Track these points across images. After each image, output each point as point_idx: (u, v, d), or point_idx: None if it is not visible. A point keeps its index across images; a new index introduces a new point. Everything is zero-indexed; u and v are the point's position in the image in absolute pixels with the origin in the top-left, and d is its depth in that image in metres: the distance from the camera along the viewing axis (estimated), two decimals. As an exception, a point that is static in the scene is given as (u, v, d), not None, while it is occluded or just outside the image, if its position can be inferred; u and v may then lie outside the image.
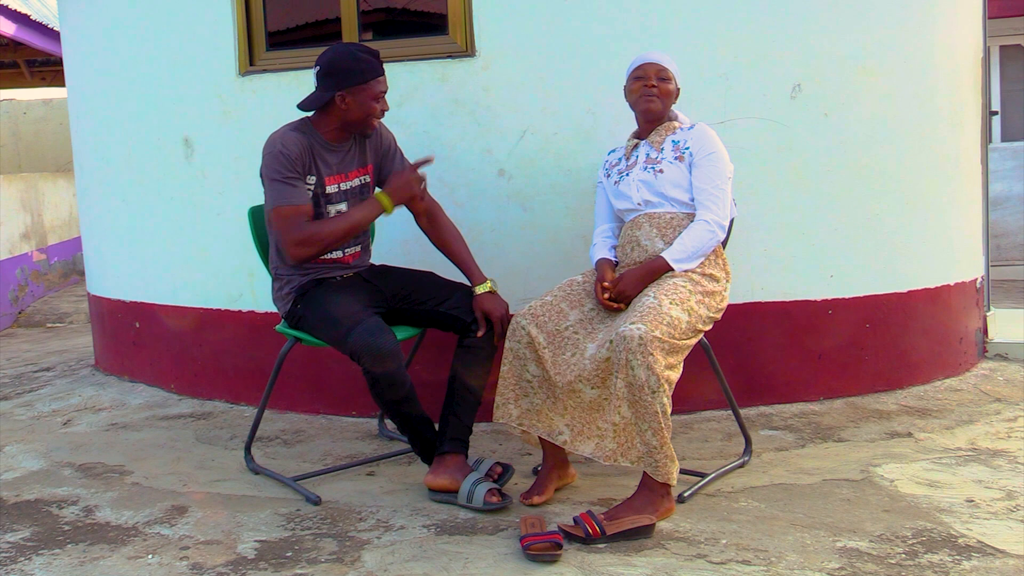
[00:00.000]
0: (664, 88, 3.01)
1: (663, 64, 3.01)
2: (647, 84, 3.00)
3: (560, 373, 2.81)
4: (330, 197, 3.05)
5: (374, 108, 2.99)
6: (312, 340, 3.04)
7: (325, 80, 2.98)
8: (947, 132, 4.01)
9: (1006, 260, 7.41)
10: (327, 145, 3.04)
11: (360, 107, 2.97)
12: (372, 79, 2.97)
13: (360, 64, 2.95)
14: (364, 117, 3.00)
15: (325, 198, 3.04)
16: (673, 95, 3.05)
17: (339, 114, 3.00)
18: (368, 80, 2.96)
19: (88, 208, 4.89)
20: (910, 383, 3.92)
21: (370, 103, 2.98)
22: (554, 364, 2.82)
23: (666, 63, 3.02)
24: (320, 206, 3.04)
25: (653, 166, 2.99)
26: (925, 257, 3.96)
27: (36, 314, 7.57)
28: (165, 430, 3.84)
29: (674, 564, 2.41)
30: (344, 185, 3.08)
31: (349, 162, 3.10)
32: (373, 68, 2.97)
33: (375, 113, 3.01)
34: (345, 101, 2.97)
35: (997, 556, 2.38)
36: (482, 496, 2.80)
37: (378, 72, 2.98)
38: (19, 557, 2.63)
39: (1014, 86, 9.95)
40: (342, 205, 3.07)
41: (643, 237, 2.97)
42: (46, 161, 11.32)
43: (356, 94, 2.96)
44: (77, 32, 4.74)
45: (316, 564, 2.51)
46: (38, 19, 9.02)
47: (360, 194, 3.12)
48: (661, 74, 3.01)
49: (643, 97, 3.01)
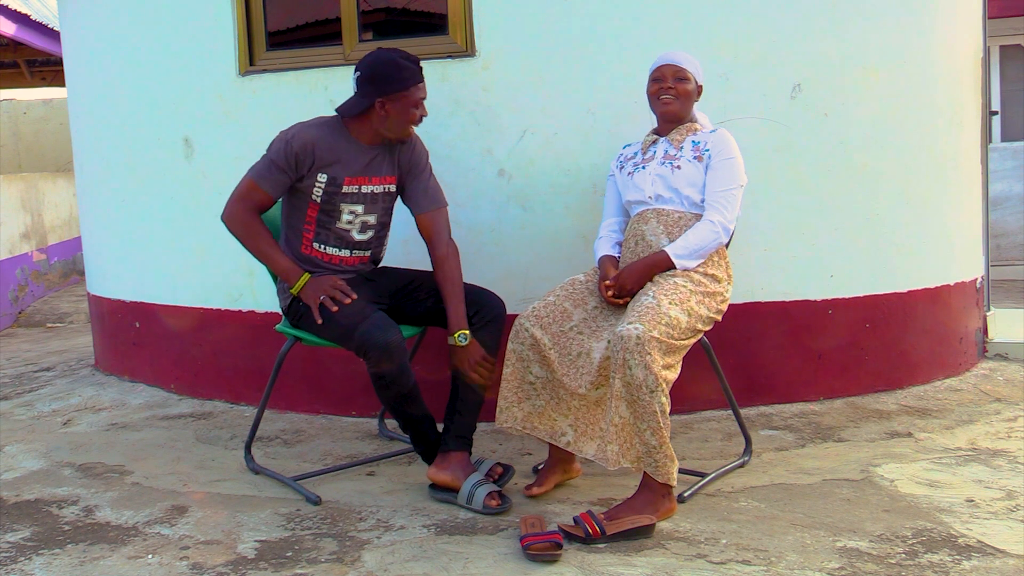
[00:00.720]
0: (682, 89, 3.01)
1: (681, 65, 3.02)
2: (664, 86, 3.02)
3: (567, 375, 2.81)
4: (345, 196, 3.04)
5: (413, 115, 2.99)
6: (312, 339, 3.04)
7: (366, 86, 2.97)
8: (947, 132, 4.01)
9: (1006, 260, 7.41)
10: (357, 144, 3.03)
11: (399, 114, 2.97)
12: (413, 86, 2.96)
13: (402, 72, 2.95)
14: (402, 124, 2.99)
15: (340, 196, 3.03)
16: (693, 95, 3.05)
17: (377, 120, 2.99)
18: (409, 87, 2.95)
19: (88, 208, 4.89)
20: (910, 383, 3.92)
21: (409, 110, 2.98)
22: (561, 365, 2.82)
23: (684, 63, 3.02)
24: (333, 203, 3.03)
25: (671, 162, 3.00)
26: (925, 257, 3.96)
27: (36, 314, 7.57)
28: (165, 430, 3.84)
29: (674, 564, 2.41)
30: (365, 188, 3.06)
31: (377, 167, 3.07)
32: (414, 75, 2.97)
33: (414, 120, 3.01)
34: (385, 108, 2.96)
35: (997, 556, 2.38)
36: (482, 499, 2.80)
37: (419, 79, 2.98)
38: (19, 557, 2.63)
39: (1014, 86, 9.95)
40: (358, 207, 3.06)
41: (649, 232, 2.97)
42: (46, 161, 11.32)
43: (396, 101, 2.95)
44: (77, 32, 4.74)
45: (316, 564, 2.51)
46: (38, 19, 9.02)
47: (381, 201, 3.11)
48: (679, 75, 3.01)
49: (661, 99, 3.03)
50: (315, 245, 3.08)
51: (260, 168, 3.01)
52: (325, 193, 3.01)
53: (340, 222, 3.06)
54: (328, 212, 3.04)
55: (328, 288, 2.95)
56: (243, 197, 3.02)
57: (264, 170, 3.00)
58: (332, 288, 2.95)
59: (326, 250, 3.09)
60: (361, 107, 2.98)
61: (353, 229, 3.09)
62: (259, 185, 2.99)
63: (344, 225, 3.07)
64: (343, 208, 3.05)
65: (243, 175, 3.05)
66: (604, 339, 2.81)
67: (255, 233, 3.02)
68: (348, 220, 3.07)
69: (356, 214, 3.07)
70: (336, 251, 3.10)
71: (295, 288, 2.99)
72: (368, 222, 3.10)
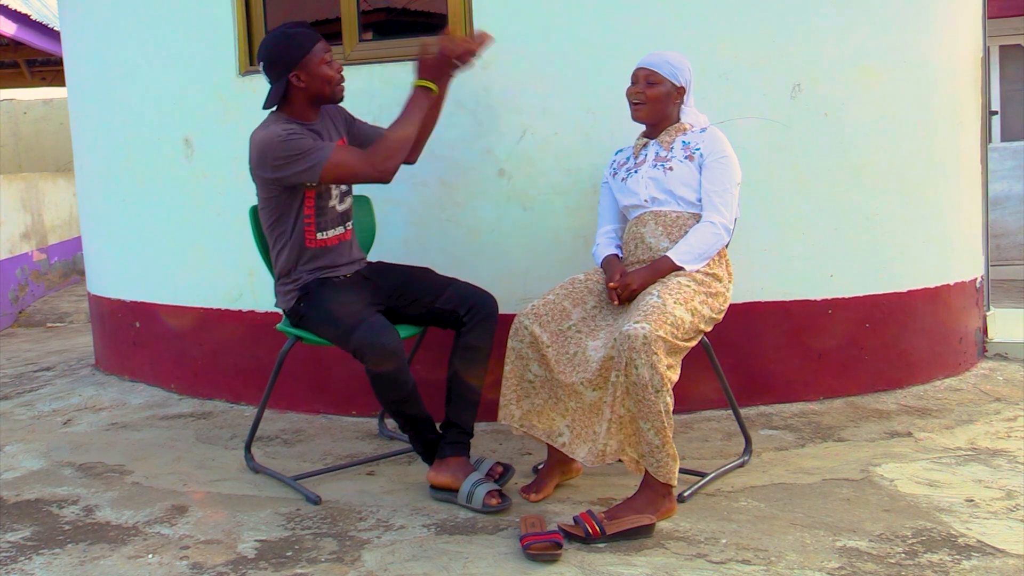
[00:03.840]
0: (652, 93, 3.01)
1: (652, 68, 3.01)
2: (635, 90, 3.04)
3: (564, 372, 2.81)
4: None
5: (328, 73, 3.02)
6: (313, 339, 3.04)
7: (273, 70, 3.02)
8: (947, 132, 4.01)
9: (1006, 260, 7.41)
10: (307, 126, 3.06)
11: (316, 77, 3.01)
12: (311, 47, 3.00)
13: (295, 39, 3.00)
14: (324, 84, 3.02)
15: None
16: (664, 98, 3.02)
17: (302, 93, 3.03)
18: (308, 49, 2.99)
19: (88, 208, 4.89)
20: (910, 383, 3.93)
21: (322, 69, 3.01)
22: (558, 363, 2.83)
23: (656, 66, 3.01)
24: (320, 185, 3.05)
25: (663, 164, 3.00)
26: (925, 257, 3.96)
27: (36, 314, 7.57)
28: (165, 430, 3.84)
29: (674, 564, 2.41)
30: None
31: (328, 136, 3.12)
32: (308, 37, 3.01)
33: (333, 77, 3.04)
34: (300, 79, 3.00)
35: (997, 556, 2.38)
36: (481, 498, 2.80)
37: (315, 38, 3.02)
38: (19, 557, 2.64)
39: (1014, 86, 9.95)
40: None
41: (648, 235, 2.98)
42: (46, 161, 11.32)
43: (305, 67, 2.99)
44: (77, 32, 4.75)
45: (316, 564, 2.51)
46: (38, 19, 9.03)
47: None
48: (649, 78, 3.01)
49: (630, 102, 3.06)
50: (319, 235, 3.09)
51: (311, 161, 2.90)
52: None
53: (332, 199, 3.11)
54: (320, 194, 3.07)
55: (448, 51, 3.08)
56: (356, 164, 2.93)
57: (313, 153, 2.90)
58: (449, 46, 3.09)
59: (326, 235, 3.11)
60: (281, 90, 3.02)
61: (336, 202, 3.14)
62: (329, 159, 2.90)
63: (333, 201, 3.12)
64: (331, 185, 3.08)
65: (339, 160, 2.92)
66: (602, 339, 2.81)
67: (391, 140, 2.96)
68: (335, 194, 3.13)
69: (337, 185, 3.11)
70: (332, 231, 3.13)
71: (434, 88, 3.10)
72: (343, 189, 3.18)
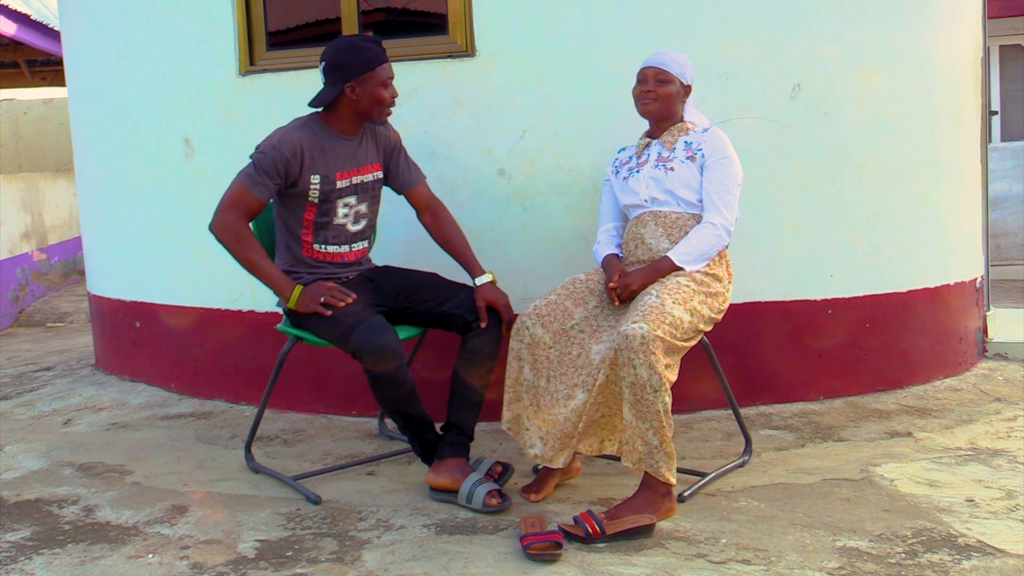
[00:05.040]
0: (662, 91, 3.01)
1: (662, 67, 3.02)
2: (644, 88, 3.03)
3: (565, 374, 2.81)
4: (340, 192, 3.06)
5: (383, 95, 3.02)
6: (313, 339, 3.04)
7: (332, 74, 3.00)
8: (947, 132, 4.01)
9: (1006, 260, 7.41)
10: (339, 138, 3.05)
11: (370, 96, 3.00)
12: (378, 66, 2.99)
13: (364, 53, 2.98)
14: (375, 105, 3.02)
15: (336, 193, 3.05)
16: (674, 96, 3.04)
17: (351, 106, 3.02)
18: (374, 67, 2.98)
19: (88, 208, 4.89)
20: (910, 383, 3.92)
21: (379, 90, 3.00)
22: (560, 364, 2.83)
23: (666, 65, 3.02)
24: (329, 201, 3.05)
25: (664, 164, 3.01)
26: (925, 257, 3.96)
27: (36, 314, 7.57)
28: (165, 430, 3.84)
29: (674, 563, 2.41)
30: (356, 179, 3.09)
31: (363, 156, 3.11)
32: (377, 55, 3.00)
33: (386, 100, 3.03)
34: (355, 92, 2.99)
35: (997, 556, 2.38)
36: (481, 497, 2.80)
37: (382, 59, 3.01)
38: (19, 556, 2.64)
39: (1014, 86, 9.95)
40: (352, 198, 3.09)
41: (648, 235, 2.98)
42: (46, 161, 11.32)
43: (364, 83, 2.98)
44: (77, 32, 4.74)
45: (316, 563, 2.51)
46: (38, 19, 9.02)
47: (371, 189, 3.15)
48: (659, 76, 3.02)
49: (640, 101, 3.05)
50: (315, 247, 3.09)
51: (249, 174, 2.98)
52: (321, 192, 3.02)
53: (337, 217, 3.09)
54: (325, 211, 3.06)
55: (323, 291, 2.95)
56: (233, 204, 2.98)
57: (254, 175, 2.97)
58: (327, 291, 2.95)
59: (327, 249, 3.10)
60: (332, 95, 3.01)
61: (348, 222, 3.11)
62: (249, 190, 2.96)
63: (340, 220, 3.09)
64: (338, 203, 3.07)
65: (230, 185, 3.00)
66: (603, 340, 2.81)
67: (247, 243, 2.99)
68: (344, 214, 3.10)
69: (350, 206, 3.10)
70: (336, 248, 3.11)
71: (291, 302, 2.97)
72: (361, 211, 3.14)
